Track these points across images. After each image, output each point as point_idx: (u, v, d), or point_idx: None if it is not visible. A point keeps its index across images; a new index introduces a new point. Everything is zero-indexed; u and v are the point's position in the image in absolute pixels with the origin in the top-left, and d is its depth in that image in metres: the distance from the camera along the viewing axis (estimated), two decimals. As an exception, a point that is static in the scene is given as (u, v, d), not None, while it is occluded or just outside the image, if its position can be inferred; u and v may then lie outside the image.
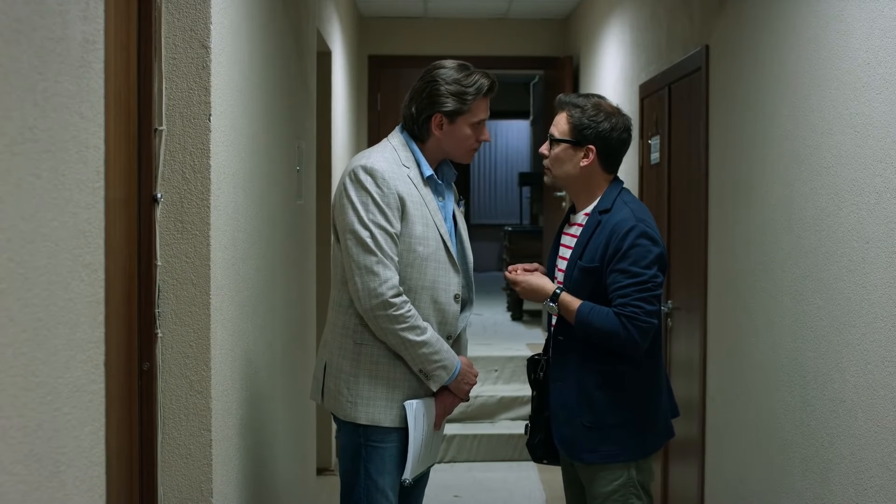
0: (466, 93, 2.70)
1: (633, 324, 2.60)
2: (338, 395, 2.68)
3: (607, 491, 2.70)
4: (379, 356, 2.65)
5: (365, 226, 2.58)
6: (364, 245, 2.57)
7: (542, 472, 5.52)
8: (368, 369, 2.65)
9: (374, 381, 2.65)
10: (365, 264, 2.57)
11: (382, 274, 2.57)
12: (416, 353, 2.62)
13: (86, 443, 1.63)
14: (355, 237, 2.58)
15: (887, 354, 2.32)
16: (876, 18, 2.40)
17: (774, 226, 3.08)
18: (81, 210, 1.60)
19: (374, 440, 2.66)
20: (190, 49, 2.44)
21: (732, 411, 3.53)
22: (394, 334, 2.60)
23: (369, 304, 2.58)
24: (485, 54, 7.44)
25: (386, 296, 2.56)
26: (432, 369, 2.65)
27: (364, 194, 2.59)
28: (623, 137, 2.78)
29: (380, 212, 2.59)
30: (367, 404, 2.65)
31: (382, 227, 2.58)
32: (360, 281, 2.58)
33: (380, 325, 2.60)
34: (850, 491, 2.52)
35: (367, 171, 2.61)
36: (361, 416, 2.65)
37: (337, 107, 5.62)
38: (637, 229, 2.65)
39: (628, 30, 5.30)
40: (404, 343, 2.60)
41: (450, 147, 2.76)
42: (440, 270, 2.69)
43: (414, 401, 2.66)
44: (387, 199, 2.60)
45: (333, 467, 5.52)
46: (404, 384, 2.67)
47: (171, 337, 2.44)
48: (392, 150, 2.71)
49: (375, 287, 2.56)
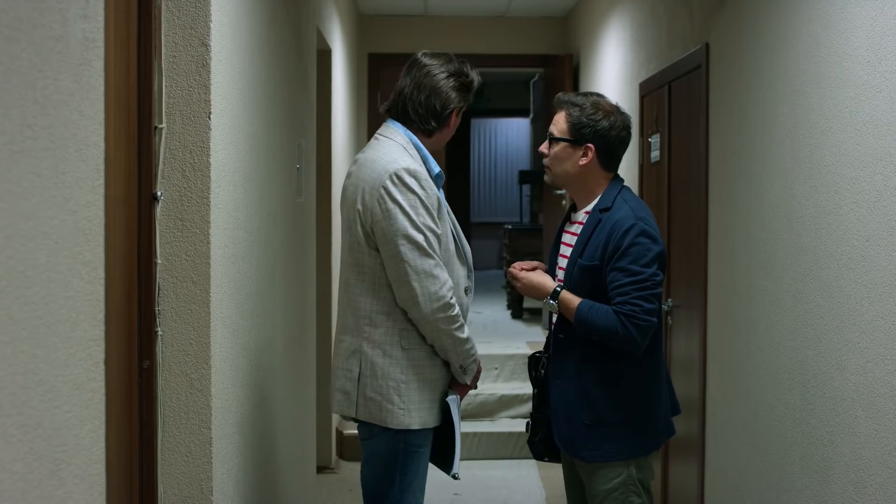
0: (469, 84, 2.79)
1: (631, 322, 2.60)
2: (386, 404, 2.62)
3: (607, 489, 2.70)
4: (422, 359, 2.66)
5: (419, 229, 2.55)
6: (421, 249, 2.55)
7: (541, 470, 5.53)
8: (417, 374, 2.65)
9: (422, 385, 2.65)
10: (424, 268, 2.55)
11: (441, 276, 2.58)
12: (463, 349, 2.66)
13: (86, 441, 1.62)
14: (410, 241, 2.55)
15: (887, 352, 2.32)
16: (876, 17, 2.40)
17: (774, 224, 3.08)
18: (81, 208, 1.60)
19: (416, 445, 2.66)
20: (190, 47, 2.44)
21: (732, 409, 3.53)
22: (448, 335, 2.61)
23: (430, 307, 2.56)
24: (485, 52, 7.44)
25: (447, 298, 2.58)
26: (469, 363, 2.70)
27: (412, 196, 2.56)
28: (622, 136, 2.78)
29: (428, 214, 2.58)
30: (418, 409, 2.64)
31: (433, 229, 2.59)
32: (420, 285, 2.55)
33: (439, 327, 2.59)
34: (849, 489, 2.52)
35: (410, 173, 2.58)
36: (415, 422, 2.63)
37: (337, 105, 5.62)
38: (637, 227, 2.65)
39: (628, 27, 5.30)
40: (455, 342, 2.63)
41: (444, 137, 2.80)
42: (455, 266, 2.71)
43: (451, 396, 2.70)
44: (431, 199, 2.60)
45: (334, 465, 5.53)
46: (441, 383, 2.71)
47: (171, 335, 2.44)
48: (404, 150, 2.67)
49: (436, 290, 2.56)
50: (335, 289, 5.29)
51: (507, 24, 7.66)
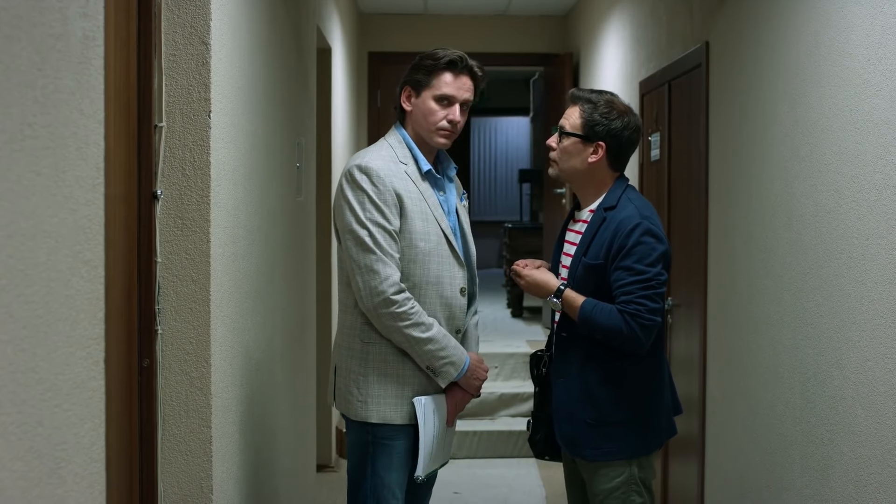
0: (429, 65, 2.73)
1: (636, 321, 2.60)
2: (348, 395, 2.69)
3: (609, 488, 2.70)
4: (387, 354, 2.66)
5: (363, 224, 2.58)
6: (363, 244, 2.58)
7: (541, 469, 5.53)
8: (377, 368, 2.66)
9: (383, 380, 2.65)
10: (365, 263, 2.58)
11: (382, 272, 2.57)
12: (422, 349, 2.62)
13: (86, 439, 1.62)
14: (353, 236, 2.59)
15: (887, 351, 2.32)
16: (876, 15, 2.40)
17: (774, 222, 3.08)
18: (81, 206, 1.60)
19: (382, 438, 2.66)
20: (190, 45, 2.44)
21: (732, 408, 3.53)
22: (398, 332, 2.60)
23: (371, 302, 2.58)
24: (485, 51, 7.43)
25: (387, 293, 2.56)
26: (440, 366, 2.65)
27: (360, 193, 2.60)
28: (633, 137, 2.79)
29: (377, 210, 2.59)
30: (377, 402, 2.65)
31: (380, 224, 2.58)
32: (361, 280, 2.59)
33: (384, 322, 2.60)
34: (849, 487, 2.52)
35: (361, 169, 2.61)
36: (373, 415, 2.65)
37: (337, 103, 5.62)
38: (642, 227, 2.64)
39: (628, 26, 5.29)
40: (409, 340, 2.61)
41: (418, 124, 2.74)
42: (444, 265, 2.69)
43: (423, 397, 2.67)
44: (383, 196, 2.60)
45: (334, 464, 5.53)
46: (414, 381, 2.67)
47: (171, 333, 2.44)
48: (388, 148, 2.72)
49: (376, 285, 2.57)
50: (335, 288, 5.29)
51: (507, 23, 7.65)
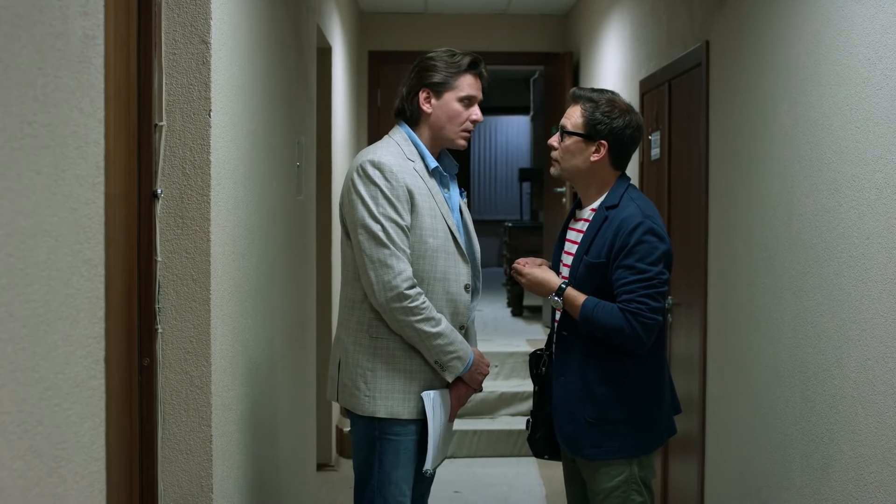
0: (450, 66, 2.75)
1: (637, 320, 2.60)
2: (354, 390, 2.69)
3: (609, 487, 2.70)
4: (395, 349, 2.67)
5: (376, 219, 2.59)
6: (376, 238, 2.58)
7: (541, 468, 5.53)
8: (385, 363, 2.66)
9: (391, 374, 2.66)
10: (378, 258, 2.58)
11: (396, 266, 2.58)
12: (432, 344, 2.64)
13: (86, 438, 1.62)
14: (367, 231, 2.59)
15: (887, 350, 2.32)
16: (876, 14, 2.40)
17: (774, 221, 3.08)
18: (81, 206, 1.60)
19: (389, 433, 2.67)
20: (190, 45, 2.44)
21: (732, 407, 3.53)
22: (409, 326, 2.61)
23: (384, 297, 2.59)
24: (485, 50, 7.40)
25: (401, 288, 2.57)
26: (448, 360, 2.67)
27: (373, 188, 2.60)
28: (635, 136, 2.80)
29: (390, 205, 2.60)
30: (385, 397, 2.66)
31: (393, 219, 2.60)
32: (374, 274, 2.59)
33: (396, 317, 2.60)
34: (849, 487, 2.52)
35: (374, 165, 2.62)
36: (380, 410, 2.66)
37: (337, 103, 5.62)
38: (644, 226, 2.64)
39: (628, 25, 5.29)
40: (420, 335, 2.62)
41: (441, 125, 2.76)
42: (450, 261, 2.71)
43: (431, 391, 2.69)
44: (396, 191, 2.61)
45: (334, 463, 5.53)
46: (421, 376, 2.69)
47: (171, 332, 2.44)
48: (395, 145, 2.73)
49: (390, 280, 2.57)
50: (335, 287, 5.29)
51: (508, 22, 7.65)
